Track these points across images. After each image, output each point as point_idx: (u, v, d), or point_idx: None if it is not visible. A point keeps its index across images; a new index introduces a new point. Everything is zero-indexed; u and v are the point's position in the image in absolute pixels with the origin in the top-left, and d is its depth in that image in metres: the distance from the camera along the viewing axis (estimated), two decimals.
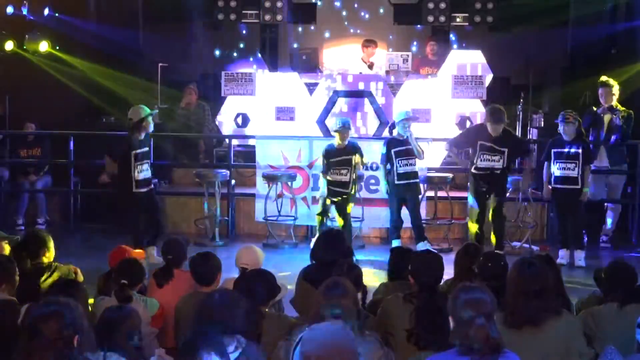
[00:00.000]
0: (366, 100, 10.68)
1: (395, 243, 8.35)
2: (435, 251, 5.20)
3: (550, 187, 8.36)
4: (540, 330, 3.70)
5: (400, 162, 8.42)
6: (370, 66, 11.48)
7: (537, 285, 3.72)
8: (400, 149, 8.43)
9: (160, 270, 5.20)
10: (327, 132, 10.09)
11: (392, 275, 4.97)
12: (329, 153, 8.48)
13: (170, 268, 5.17)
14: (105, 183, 9.15)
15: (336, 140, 8.45)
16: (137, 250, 5.69)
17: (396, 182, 8.43)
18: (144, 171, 8.18)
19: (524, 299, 3.70)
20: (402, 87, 10.89)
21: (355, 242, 8.83)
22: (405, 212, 8.62)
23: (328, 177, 8.44)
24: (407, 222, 8.73)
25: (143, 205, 8.25)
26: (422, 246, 8.25)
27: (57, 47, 11.37)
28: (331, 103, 10.57)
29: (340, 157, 8.42)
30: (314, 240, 6.75)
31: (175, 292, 4.91)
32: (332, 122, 10.58)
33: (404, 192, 8.48)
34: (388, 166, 8.49)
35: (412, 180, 8.48)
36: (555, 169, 8.28)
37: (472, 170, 8.30)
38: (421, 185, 8.81)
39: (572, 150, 8.20)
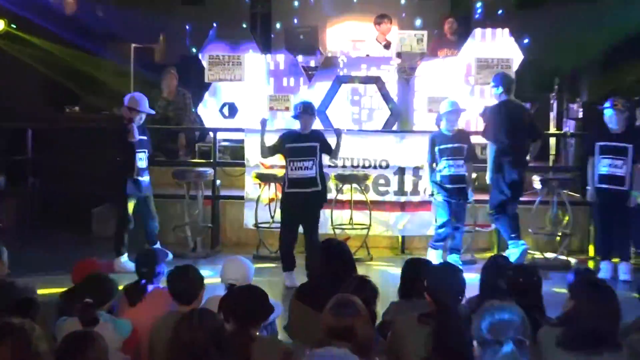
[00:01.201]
0: (374, 87, 10.65)
1: (438, 255, 8.31)
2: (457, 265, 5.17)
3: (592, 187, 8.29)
4: (595, 357, 3.68)
5: (446, 162, 8.33)
6: (387, 46, 11.36)
7: (612, 312, 3.74)
8: (446, 146, 8.35)
9: (132, 285, 5.19)
10: (329, 124, 10.05)
11: (405, 291, 4.93)
12: (289, 137, 7.90)
13: (145, 283, 5.16)
14: None
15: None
16: (106, 262, 5.65)
17: (444, 184, 8.37)
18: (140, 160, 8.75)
19: (595, 324, 3.69)
20: (416, 72, 10.85)
21: (360, 255, 8.80)
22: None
23: (289, 176, 7.77)
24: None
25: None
26: (453, 259, 8.17)
27: (15, 27, 11.34)
28: (334, 90, 10.54)
29: (302, 143, 7.81)
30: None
31: (150, 311, 4.88)
32: (339, 112, 10.58)
33: (453, 196, 8.36)
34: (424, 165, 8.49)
35: (458, 185, 8.35)
36: (600, 166, 8.18)
37: None
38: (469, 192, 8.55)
39: (621, 144, 8.08)
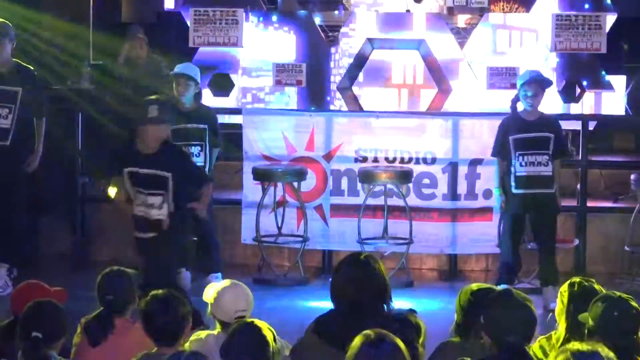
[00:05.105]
0: (417, 54, 10.66)
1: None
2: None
3: None
4: None
5: (521, 157, 8.24)
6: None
7: None
8: (523, 136, 8.25)
9: (94, 319, 5.22)
10: (356, 104, 10.09)
11: (461, 329, 4.94)
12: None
13: (110, 316, 5.20)
14: None
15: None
16: (57, 288, 5.70)
17: (514, 190, 8.27)
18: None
19: None
20: (473, 34, 10.85)
21: (397, 278, 8.79)
22: None
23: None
24: None
25: None
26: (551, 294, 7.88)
27: None
28: (362, 58, 10.54)
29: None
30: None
31: (117, 353, 4.93)
32: (369, 88, 10.61)
33: (525, 207, 8.31)
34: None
35: (539, 190, 8.24)
36: None
37: None
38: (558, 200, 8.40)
39: None
